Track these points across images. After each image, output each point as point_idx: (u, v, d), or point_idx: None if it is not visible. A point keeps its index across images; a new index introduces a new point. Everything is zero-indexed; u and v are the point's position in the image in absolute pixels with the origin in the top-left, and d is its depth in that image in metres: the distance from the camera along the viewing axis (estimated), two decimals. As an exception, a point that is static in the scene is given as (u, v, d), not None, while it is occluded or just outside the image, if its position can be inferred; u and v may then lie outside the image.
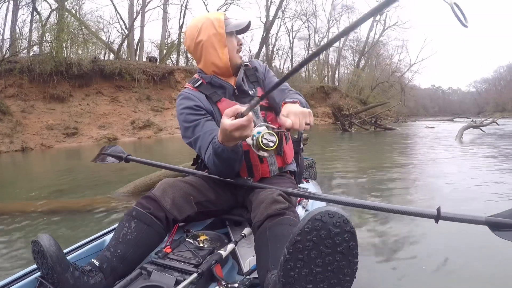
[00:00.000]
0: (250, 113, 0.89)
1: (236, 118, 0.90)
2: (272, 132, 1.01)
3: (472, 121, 13.22)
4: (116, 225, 1.03)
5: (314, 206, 1.46)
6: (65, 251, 0.96)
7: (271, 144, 1.00)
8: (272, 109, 1.29)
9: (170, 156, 7.12)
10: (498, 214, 0.88)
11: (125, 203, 2.86)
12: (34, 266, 0.89)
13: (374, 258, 1.67)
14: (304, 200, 1.42)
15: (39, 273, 0.86)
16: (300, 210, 1.34)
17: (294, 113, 1.01)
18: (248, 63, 1.33)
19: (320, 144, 8.47)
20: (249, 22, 1.24)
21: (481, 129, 10.55)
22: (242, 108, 0.90)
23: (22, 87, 11.08)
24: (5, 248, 2.06)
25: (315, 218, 0.65)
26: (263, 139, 0.99)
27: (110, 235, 1.06)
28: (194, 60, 1.39)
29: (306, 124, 1.02)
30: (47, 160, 7.81)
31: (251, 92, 1.27)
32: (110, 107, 12.86)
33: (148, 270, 0.87)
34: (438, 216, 0.89)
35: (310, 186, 1.89)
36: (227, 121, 0.90)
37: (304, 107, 1.09)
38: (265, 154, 1.03)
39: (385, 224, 2.15)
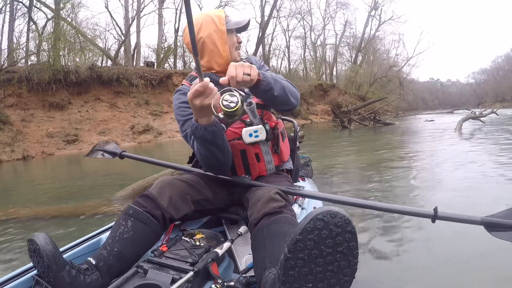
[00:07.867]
0: (207, 79, 0.90)
1: None
2: (234, 93, 0.94)
3: (471, 112, 13.18)
4: (113, 223, 1.03)
5: (311, 204, 1.46)
6: (61, 249, 0.97)
7: (232, 104, 0.92)
8: (267, 107, 1.29)
9: (170, 158, 7.13)
10: (494, 215, 0.89)
11: (123, 206, 2.87)
12: (31, 264, 0.90)
13: (372, 258, 1.66)
14: (301, 198, 1.42)
15: (35, 272, 0.87)
16: (296, 208, 1.34)
17: (232, 65, 0.98)
18: (245, 60, 1.32)
19: (319, 141, 8.47)
20: (249, 20, 1.25)
21: (480, 120, 10.53)
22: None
23: (21, 96, 11.11)
24: (2, 248, 2.08)
25: (317, 218, 0.65)
26: (223, 101, 0.92)
27: (107, 234, 1.06)
28: (193, 62, 1.38)
29: (246, 74, 0.98)
30: (48, 167, 7.82)
31: (246, 90, 1.26)
32: (109, 113, 12.87)
33: (144, 269, 0.88)
34: (435, 216, 0.90)
35: (306, 185, 1.90)
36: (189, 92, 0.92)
37: (269, 81, 1.08)
38: (231, 119, 0.95)
39: (382, 223, 2.12)
